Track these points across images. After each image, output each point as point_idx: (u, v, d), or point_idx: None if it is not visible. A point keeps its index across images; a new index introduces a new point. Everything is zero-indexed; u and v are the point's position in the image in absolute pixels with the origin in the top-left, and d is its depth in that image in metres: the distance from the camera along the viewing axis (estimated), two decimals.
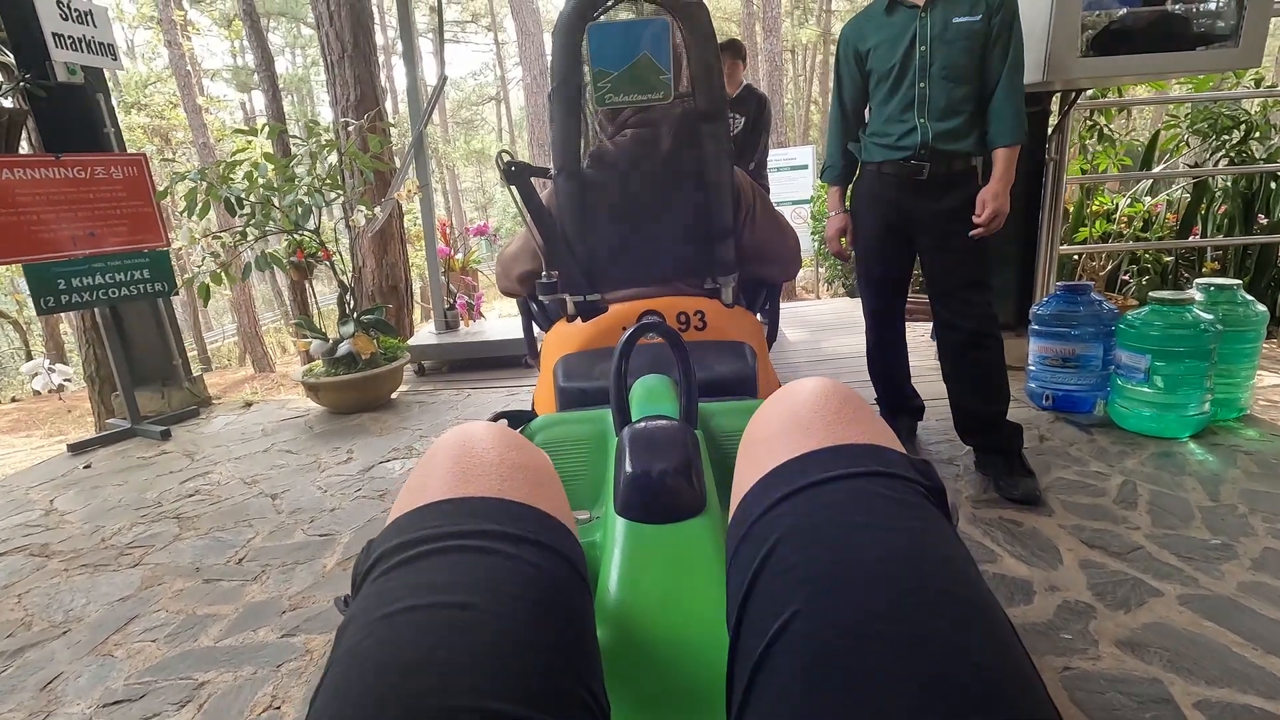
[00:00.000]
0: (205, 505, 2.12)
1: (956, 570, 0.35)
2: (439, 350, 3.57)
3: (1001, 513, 1.71)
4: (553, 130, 1.16)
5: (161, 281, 2.91)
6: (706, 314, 1.18)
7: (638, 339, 0.70)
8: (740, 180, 1.27)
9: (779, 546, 0.38)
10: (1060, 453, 2.04)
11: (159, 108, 12.09)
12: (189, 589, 1.64)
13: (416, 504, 0.42)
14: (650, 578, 0.53)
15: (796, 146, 8.63)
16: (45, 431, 6.39)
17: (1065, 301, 2.27)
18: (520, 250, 1.36)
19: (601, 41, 1.09)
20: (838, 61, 1.95)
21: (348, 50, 4.25)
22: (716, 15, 19.81)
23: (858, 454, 0.42)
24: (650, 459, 0.59)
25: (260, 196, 2.74)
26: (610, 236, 1.20)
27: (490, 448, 0.46)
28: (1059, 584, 1.41)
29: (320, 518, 1.97)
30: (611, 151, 1.20)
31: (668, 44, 1.08)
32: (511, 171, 1.08)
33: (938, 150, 1.76)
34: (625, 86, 1.11)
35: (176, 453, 2.65)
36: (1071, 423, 2.24)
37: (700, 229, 1.20)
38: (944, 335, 1.91)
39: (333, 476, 2.28)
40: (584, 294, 1.19)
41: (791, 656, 0.33)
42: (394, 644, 0.32)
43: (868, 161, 1.91)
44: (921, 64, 1.74)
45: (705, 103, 1.14)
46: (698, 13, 1.11)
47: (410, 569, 0.37)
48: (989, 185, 1.74)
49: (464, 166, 26.20)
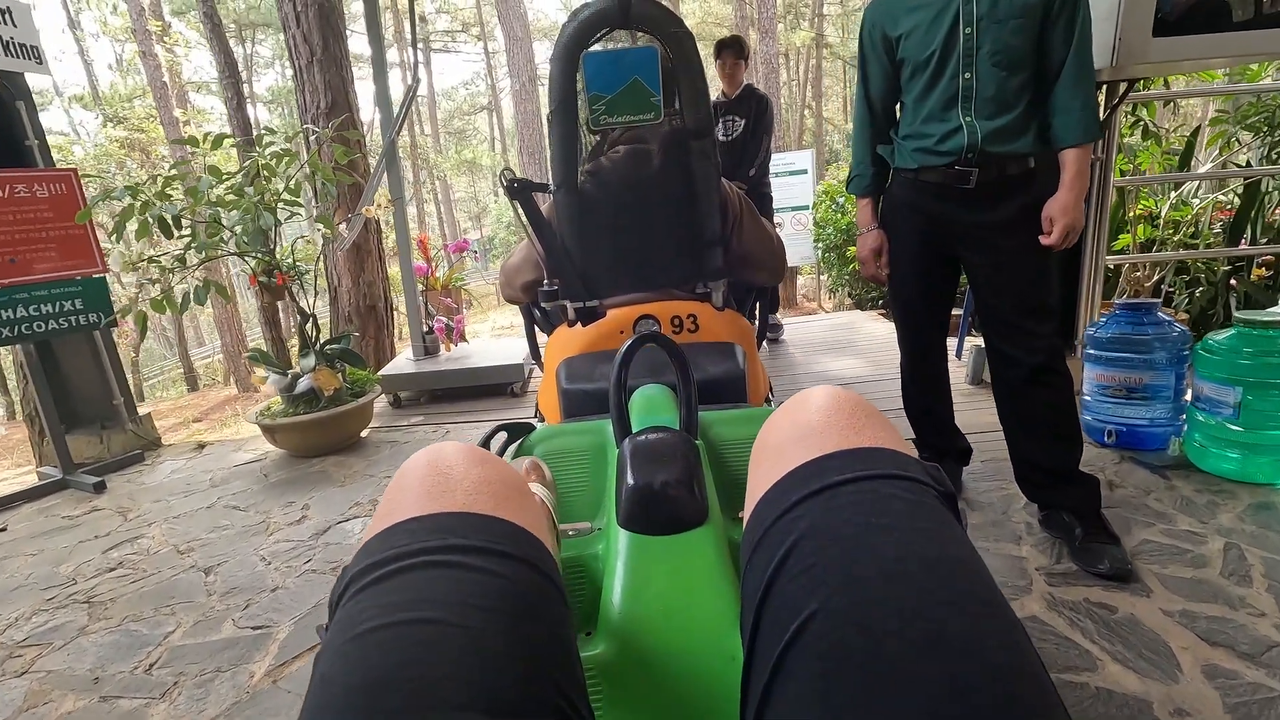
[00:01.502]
0: (126, 583, 1.79)
1: (972, 572, 0.35)
2: (416, 380, 3.24)
3: (1086, 592, 1.39)
4: (552, 148, 1.23)
5: (97, 312, 2.58)
6: (699, 317, 1.26)
7: (636, 350, 0.69)
8: (727, 191, 1.34)
9: (796, 549, 0.38)
10: (1137, 504, 1.72)
11: (139, 120, 11.75)
12: (80, 711, 1.31)
13: (385, 525, 0.41)
14: (654, 589, 0.53)
15: (794, 151, 8.36)
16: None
17: (1128, 322, 1.97)
18: (523, 260, 1.41)
19: (596, 68, 1.16)
20: (862, 50, 1.64)
21: (316, 54, 3.94)
22: (707, 20, 19.71)
23: (872, 457, 0.42)
24: (652, 470, 0.58)
25: (209, 214, 2.41)
26: (607, 246, 1.28)
27: (457, 464, 0.46)
28: (1186, 705, 1.09)
29: (257, 601, 1.64)
30: (607, 167, 1.27)
31: (657, 69, 1.16)
32: (514, 188, 1.16)
33: (989, 153, 1.45)
34: (619, 108, 1.18)
35: (109, 509, 2.31)
36: (1142, 464, 1.92)
37: (691, 238, 1.28)
38: (1000, 371, 1.59)
39: (281, 542, 1.95)
40: (583, 300, 1.26)
41: (810, 658, 0.33)
42: (363, 665, 0.32)
43: (902, 168, 1.60)
44: (966, 49, 1.43)
45: (693, 121, 1.22)
46: (684, 40, 1.19)
47: (377, 589, 0.36)
48: (1058, 196, 1.43)
49: (456, 177, 25.97)
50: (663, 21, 1.18)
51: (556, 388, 1.14)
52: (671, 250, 1.29)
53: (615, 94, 1.17)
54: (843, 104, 22.55)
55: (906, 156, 1.57)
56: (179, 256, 2.34)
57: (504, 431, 0.88)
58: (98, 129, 15.07)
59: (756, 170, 3.49)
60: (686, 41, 1.19)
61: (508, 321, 12.63)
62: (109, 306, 2.61)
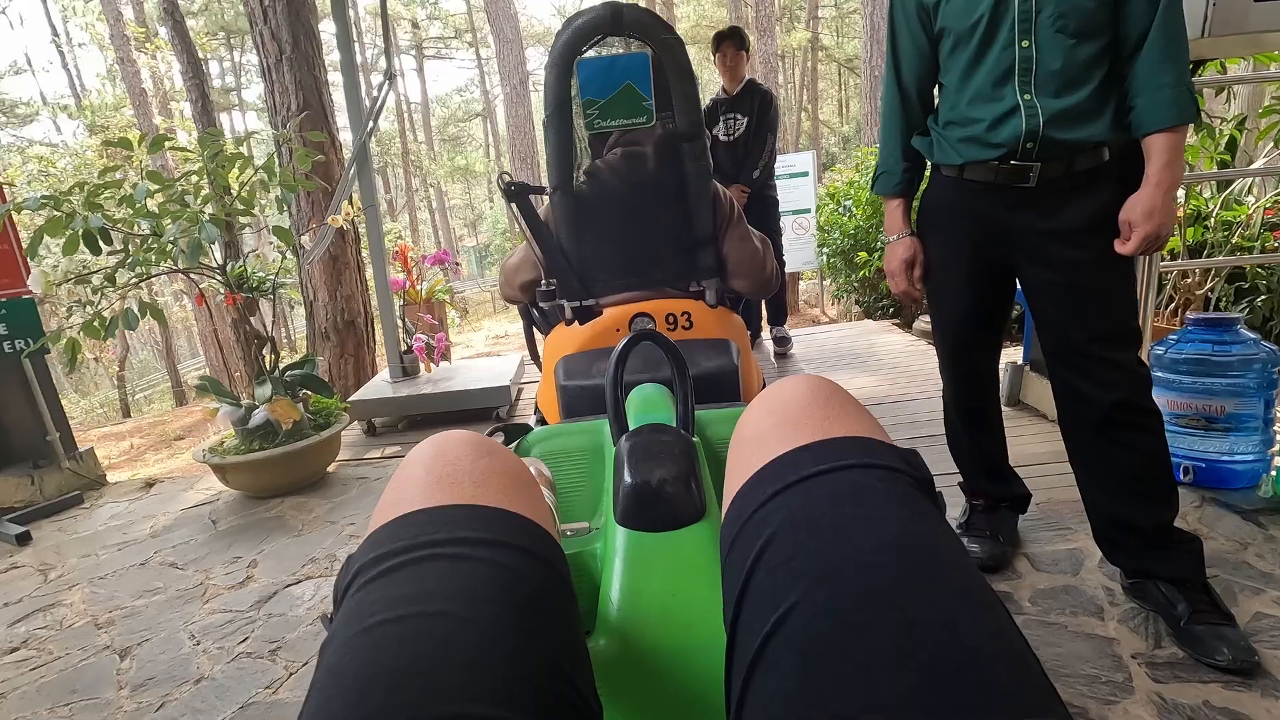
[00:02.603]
0: (24, 671, 1.49)
1: (947, 557, 0.35)
2: (392, 405, 2.94)
3: (1204, 691, 1.10)
4: (548, 152, 1.27)
5: (24, 337, 2.29)
6: (692, 314, 1.28)
7: (632, 349, 0.70)
8: (720, 194, 1.36)
9: (772, 542, 0.38)
10: (1235, 561, 1.44)
11: (120, 129, 11.45)
12: None
13: (392, 516, 0.41)
14: (652, 586, 0.53)
15: (795, 153, 8.10)
16: None
17: (1205, 340, 1.69)
18: (522, 261, 1.42)
19: (589, 74, 1.20)
20: (892, 21, 1.37)
21: (286, 52, 3.66)
22: (701, 22, 19.57)
23: (847, 447, 0.42)
24: (649, 467, 0.58)
25: (150, 226, 2.13)
26: (602, 246, 1.31)
27: (464, 455, 0.45)
28: None
29: (175, 698, 1.35)
30: (603, 170, 1.30)
31: (648, 74, 1.20)
32: (511, 190, 1.18)
33: (1054, 141, 1.17)
34: (612, 112, 1.22)
35: (29, 566, 2.01)
36: (1228, 507, 1.64)
37: (683, 237, 1.31)
38: (1071, 408, 1.31)
39: (216, 613, 1.65)
40: (580, 299, 1.29)
41: (789, 650, 0.33)
42: (374, 658, 0.31)
43: (943, 164, 1.33)
44: (1024, 12, 1.16)
45: (684, 124, 1.25)
46: (675, 46, 1.22)
47: (386, 581, 0.36)
48: (1141, 194, 1.14)
49: (452, 184, 25.73)
50: (653, 28, 1.22)
51: (555, 385, 1.17)
52: (665, 249, 1.32)
53: (609, 99, 1.21)
54: (838, 107, 22.40)
55: (948, 149, 1.30)
56: (109, 275, 2.05)
57: (501, 433, 0.89)
58: (81, 139, 14.77)
59: (761, 171, 3.22)
60: (677, 47, 1.22)
61: (503, 330, 12.33)
62: (39, 330, 2.32)
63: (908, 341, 3.64)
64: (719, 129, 3.25)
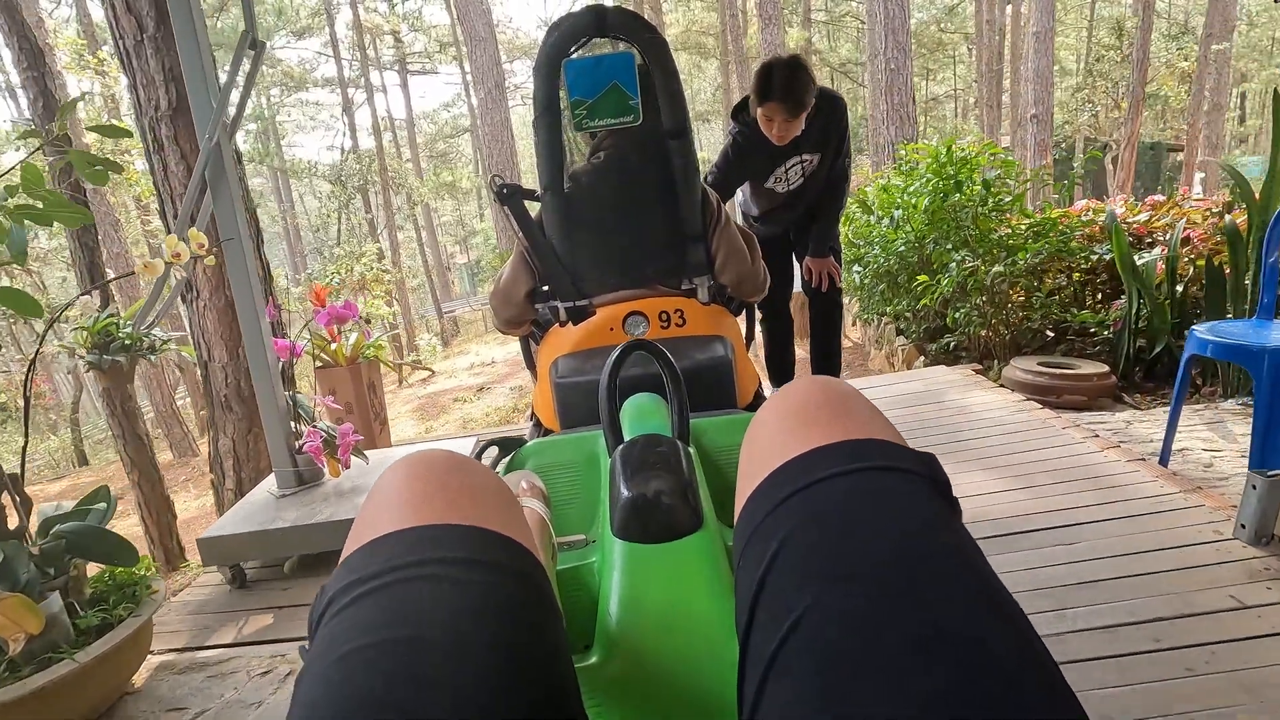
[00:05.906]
0: None
1: (966, 559, 0.34)
2: (269, 541, 1.90)
3: None
4: (538, 153, 1.29)
5: None
6: (685, 312, 1.32)
7: (625, 358, 0.69)
8: (707, 191, 1.37)
9: (786, 545, 0.37)
10: None
11: None
12: None
13: (364, 541, 0.40)
14: (651, 598, 0.52)
15: None
16: None
17: None
18: (514, 274, 1.40)
19: (576, 74, 1.23)
20: None
21: (147, 30, 2.69)
22: (691, 29, 18.84)
23: (862, 449, 0.41)
24: (645, 478, 0.58)
25: None
26: (595, 245, 1.35)
27: (436, 474, 0.45)
28: None
29: None
30: (591, 170, 1.35)
31: (634, 73, 1.22)
32: (504, 193, 1.25)
33: None
34: (599, 112, 1.24)
35: None
36: None
37: (674, 234, 1.34)
38: None
39: None
40: (573, 300, 1.33)
41: (806, 655, 0.32)
42: (349, 686, 0.31)
43: None
44: None
45: (670, 122, 1.28)
46: (658, 45, 1.26)
47: (357, 608, 0.35)
48: None
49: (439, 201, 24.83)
50: (637, 29, 1.25)
51: (550, 386, 1.22)
52: (656, 247, 1.35)
53: (596, 98, 1.23)
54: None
55: None
56: None
57: (495, 446, 0.88)
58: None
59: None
60: (660, 47, 1.25)
61: (489, 358, 11.33)
62: None
63: (1012, 403, 2.63)
64: (778, 183, 2.30)
